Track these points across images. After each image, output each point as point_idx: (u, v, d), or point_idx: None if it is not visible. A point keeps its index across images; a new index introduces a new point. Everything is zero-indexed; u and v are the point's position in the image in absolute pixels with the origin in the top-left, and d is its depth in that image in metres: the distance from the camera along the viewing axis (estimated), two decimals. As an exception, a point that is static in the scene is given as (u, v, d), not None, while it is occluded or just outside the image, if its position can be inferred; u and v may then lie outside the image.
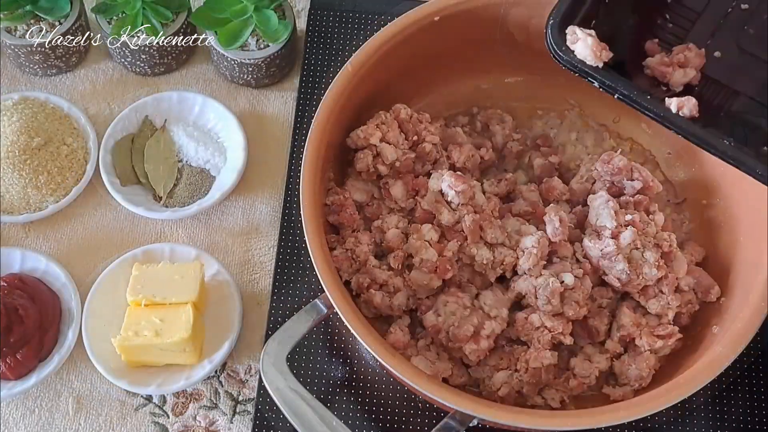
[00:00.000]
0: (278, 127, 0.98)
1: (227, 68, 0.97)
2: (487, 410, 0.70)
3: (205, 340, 0.86)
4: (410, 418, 0.82)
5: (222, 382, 0.87)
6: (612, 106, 0.92)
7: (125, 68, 1.00)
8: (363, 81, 0.82)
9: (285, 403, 0.71)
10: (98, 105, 0.99)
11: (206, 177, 0.94)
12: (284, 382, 0.71)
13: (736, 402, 0.83)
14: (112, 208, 0.94)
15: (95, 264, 0.91)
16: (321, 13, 1.01)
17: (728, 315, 0.78)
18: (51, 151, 0.92)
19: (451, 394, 0.70)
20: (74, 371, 0.87)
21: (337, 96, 0.81)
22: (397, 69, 0.86)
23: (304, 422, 0.70)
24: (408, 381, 0.70)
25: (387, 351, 0.72)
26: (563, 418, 0.71)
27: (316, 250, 0.74)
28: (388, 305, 0.79)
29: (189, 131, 0.95)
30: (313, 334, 0.85)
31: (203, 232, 0.93)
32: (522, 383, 0.78)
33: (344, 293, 0.74)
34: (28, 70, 0.99)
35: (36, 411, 0.85)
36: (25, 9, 0.93)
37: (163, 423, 0.85)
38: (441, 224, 0.81)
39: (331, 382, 0.84)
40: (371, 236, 0.82)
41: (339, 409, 0.82)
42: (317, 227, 0.76)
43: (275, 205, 0.94)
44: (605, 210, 0.79)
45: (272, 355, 0.73)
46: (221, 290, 0.88)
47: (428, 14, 0.84)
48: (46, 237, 0.92)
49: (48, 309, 0.85)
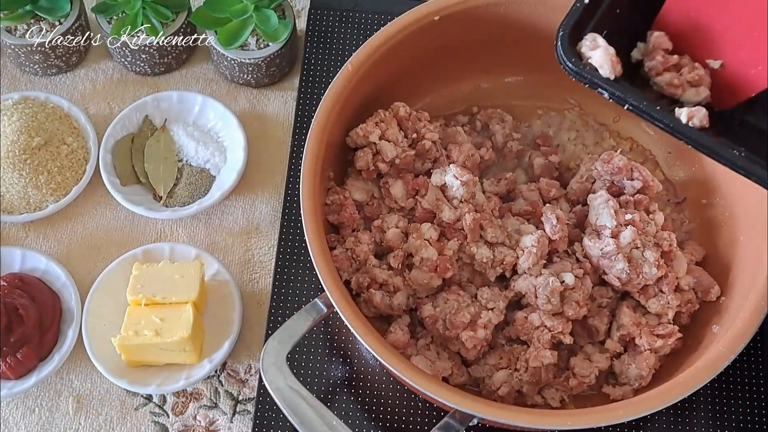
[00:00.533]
0: (278, 127, 0.98)
1: (227, 68, 0.97)
2: (487, 409, 0.70)
3: (205, 339, 0.86)
4: (410, 417, 0.82)
5: (222, 381, 0.87)
6: (612, 106, 0.92)
7: (125, 68, 1.00)
8: (363, 80, 0.82)
9: (285, 402, 0.71)
10: (98, 104, 0.99)
11: (206, 176, 0.94)
12: (284, 381, 0.71)
13: (737, 402, 0.83)
14: (113, 208, 0.94)
15: (95, 263, 0.91)
16: (321, 13, 1.01)
17: (728, 314, 0.78)
18: (51, 151, 0.92)
19: (452, 394, 0.70)
20: (74, 371, 0.87)
21: (337, 95, 0.81)
22: (398, 68, 0.86)
23: (304, 421, 0.70)
24: (408, 380, 0.70)
25: (387, 350, 0.72)
26: (563, 417, 0.71)
27: (316, 250, 0.74)
28: (388, 305, 0.79)
29: (189, 131, 0.95)
30: (313, 334, 0.85)
31: (203, 231, 0.93)
32: (522, 382, 0.78)
33: (344, 292, 0.74)
34: (28, 70, 0.99)
35: (36, 410, 0.85)
36: (26, 9, 0.93)
37: (163, 422, 0.85)
38: (441, 222, 0.81)
39: (331, 381, 0.84)
40: (371, 236, 0.82)
41: (339, 409, 0.82)
42: (317, 227, 0.76)
43: (275, 205, 0.94)
44: (605, 209, 0.79)
45: (272, 355, 0.72)
46: (221, 290, 0.88)
47: (428, 14, 0.84)
48: (46, 237, 0.92)
49: (48, 308, 0.85)
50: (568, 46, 0.68)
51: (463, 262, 0.81)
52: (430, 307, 0.79)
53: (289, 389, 0.71)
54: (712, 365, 0.71)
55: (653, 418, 0.82)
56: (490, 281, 0.82)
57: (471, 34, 0.87)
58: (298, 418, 0.70)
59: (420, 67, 0.89)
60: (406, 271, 0.80)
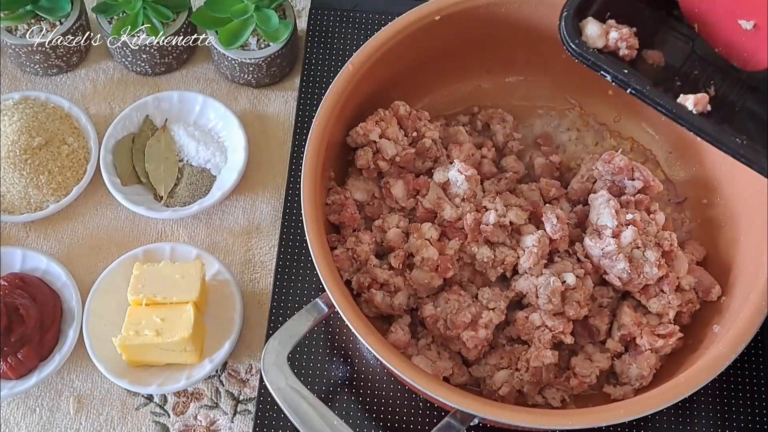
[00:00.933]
0: (279, 127, 0.98)
1: (228, 68, 0.97)
2: (488, 409, 0.70)
3: (206, 339, 0.86)
4: (411, 417, 0.82)
5: (223, 381, 0.87)
6: (613, 106, 0.92)
7: (126, 68, 1.00)
8: (364, 80, 0.82)
9: (286, 402, 0.71)
10: (99, 104, 0.99)
11: (207, 176, 0.94)
12: (285, 381, 0.71)
13: (737, 402, 0.83)
14: (113, 208, 0.94)
15: (96, 263, 0.91)
16: (321, 13, 1.01)
17: (729, 314, 0.78)
18: (52, 151, 0.92)
19: (453, 394, 0.70)
20: (75, 371, 0.87)
21: (337, 95, 0.81)
22: (398, 68, 0.86)
23: (305, 422, 0.70)
24: (409, 380, 0.70)
25: (388, 350, 0.72)
26: (564, 417, 0.71)
27: (317, 250, 0.74)
28: (389, 305, 0.79)
29: (190, 131, 0.95)
30: (314, 334, 0.85)
31: (204, 231, 0.93)
32: (523, 382, 0.78)
33: (345, 292, 0.74)
34: (28, 70, 0.99)
35: (37, 410, 0.85)
36: (26, 8, 0.93)
37: (164, 422, 0.85)
38: (443, 221, 0.81)
39: (332, 381, 0.84)
40: (372, 236, 0.82)
41: (340, 409, 0.82)
42: (318, 227, 0.76)
43: (276, 205, 0.94)
44: (606, 209, 0.79)
45: (273, 355, 0.72)
46: (222, 290, 0.88)
47: (429, 14, 0.84)
48: (46, 236, 0.92)
49: (49, 308, 0.85)
50: (572, 26, 0.68)
51: (464, 262, 0.81)
52: (431, 307, 0.79)
53: (290, 389, 0.71)
54: (713, 365, 0.71)
55: (654, 417, 0.82)
56: (491, 281, 0.82)
57: (472, 34, 0.87)
58: (299, 417, 0.70)
59: (421, 67, 0.89)
60: (406, 271, 0.80)
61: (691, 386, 0.70)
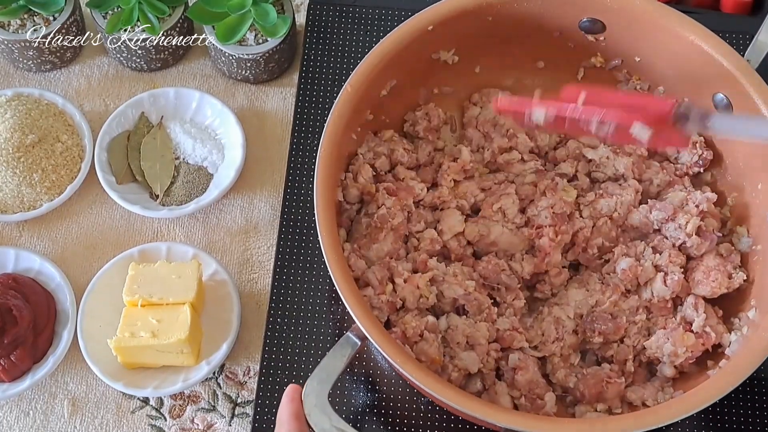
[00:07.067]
0: (277, 124, 0.97)
1: (225, 64, 0.96)
2: (534, 424, 0.69)
3: (203, 341, 0.85)
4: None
5: (220, 383, 0.86)
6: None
7: (121, 64, 0.99)
8: (364, 99, 0.82)
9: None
10: (93, 101, 0.98)
11: (204, 175, 0.93)
12: (330, 422, 0.69)
13: (736, 402, 0.82)
14: (108, 207, 0.93)
15: (91, 264, 0.90)
16: (320, 8, 1.00)
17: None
18: (45, 149, 0.91)
19: (497, 412, 0.70)
20: (69, 373, 0.86)
21: (339, 119, 0.79)
22: (397, 80, 0.85)
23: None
24: (449, 402, 0.69)
25: (427, 375, 0.70)
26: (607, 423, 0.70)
27: (343, 285, 0.72)
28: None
29: (186, 128, 0.94)
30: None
31: (201, 230, 0.92)
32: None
33: (375, 322, 0.72)
34: (21, 66, 0.98)
35: (31, 413, 0.85)
36: (19, 3, 0.92)
37: (161, 426, 0.84)
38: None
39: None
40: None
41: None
42: (343, 266, 0.74)
43: (274, 203, 0.93)
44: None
45: (313, 396, 0.70)
46: (219, 290, 0.87)
47: (422, 24, 0.82)
48: (40, 236, 0.92)
49: (42, 310, 0.85)
50: None
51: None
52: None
53: (336, 430, 0.69)
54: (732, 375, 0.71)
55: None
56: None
57: (468, 40, 0.86)
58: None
59: (420, 76, 0.88)
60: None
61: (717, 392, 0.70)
